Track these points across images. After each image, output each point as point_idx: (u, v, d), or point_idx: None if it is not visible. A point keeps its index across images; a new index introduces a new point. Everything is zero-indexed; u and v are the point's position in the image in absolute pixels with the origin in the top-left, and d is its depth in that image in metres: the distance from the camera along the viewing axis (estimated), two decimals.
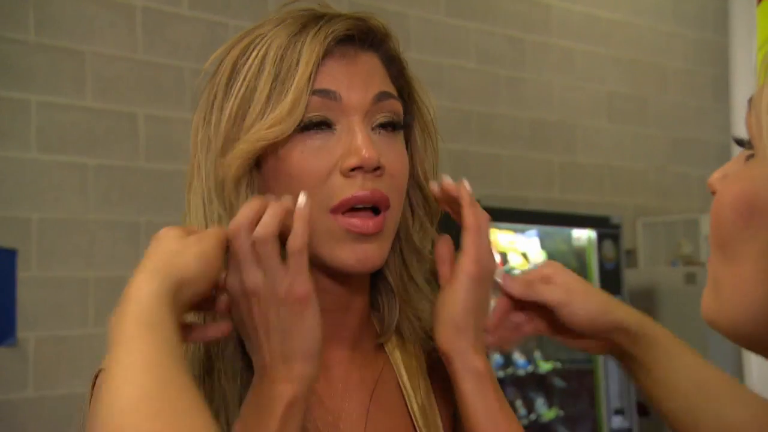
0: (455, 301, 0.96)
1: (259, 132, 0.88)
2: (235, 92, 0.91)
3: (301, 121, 0.89)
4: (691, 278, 4.20)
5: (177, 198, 3.59)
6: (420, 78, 1.02)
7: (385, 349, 1.03)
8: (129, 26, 3.30)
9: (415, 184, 1.00)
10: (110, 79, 3.23)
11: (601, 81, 4.88)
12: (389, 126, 0.94)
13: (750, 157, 0.62)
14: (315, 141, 0.91)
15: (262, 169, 0.93)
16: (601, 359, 4.00)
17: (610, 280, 3.99)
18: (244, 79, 0.91)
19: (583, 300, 1.01)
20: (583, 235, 4.12)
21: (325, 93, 0.90)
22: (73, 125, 3.14)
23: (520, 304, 1.03)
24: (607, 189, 4.75)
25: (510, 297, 1.02)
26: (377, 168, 0.90)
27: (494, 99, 4.38)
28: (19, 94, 3.04)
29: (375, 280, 1.01)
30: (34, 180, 3.05)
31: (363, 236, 0.91)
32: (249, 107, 0.91)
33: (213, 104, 0.94)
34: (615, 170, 4.81)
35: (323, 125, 0.91)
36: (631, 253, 4.71)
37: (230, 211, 0.90)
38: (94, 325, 3.14)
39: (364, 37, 0.95)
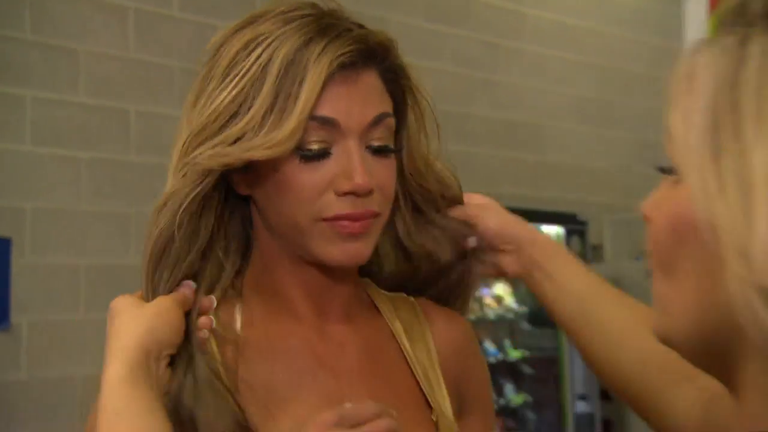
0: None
1: (258, 150, 0.86)
2: (230, 87, 0.89)
3: (300, 148, 0.89)
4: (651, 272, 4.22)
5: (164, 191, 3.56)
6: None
7: (384, 317, 1.04)
8: (121, 26, 3.29)
9: (410, 173, 1.02)
10: (103, 76, 3.22)
11: (570, 85, 4.91)
12: (384, 150, 0.94)
13: (677, 181, 0.62)
14: (310, 165, 0.90)
15: (250, 169, 0.91)
16: (567, 348, 4.04)
17: None
18: (241, 78, 0.89)
19: (495, 214, 1.08)
20: (552, 231, 4.15)
21: (325, 120, 0.89)
22: (66, 120, 3.13)
23: None
24: (575, 187, 4.78)
25: None
26: (370, 192, 0.91)
27: (469, 100, 4.40)
28: (15, 89, 3.02)
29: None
30: (28, 172, 3.04)
31: (351, 236, 0.92)
32: (242, 110, 0.88)
33: (206, 90, 0.92)
34: (583, 170, 4.84)
35: (322, 155, 0.90)
36: (598, 248, 4.75)
37: (188, 187, 0.91)
38: (85, 311, 3.13)
39: (365, 57, 0.92)
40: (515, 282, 3.69)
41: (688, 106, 0.61)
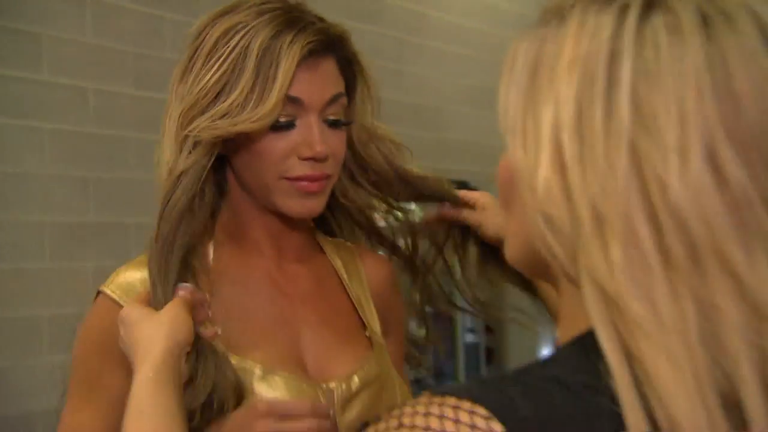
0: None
1: (245, 123, 0.90)
2: (215, 69, 0.92)
3: (273, 123, 0.93)
4: None
5: (120, 158, 3.55)
6: None
7: (329, 257, 1.09)
8: (80, 15, 3.20)
9: (357, 142, 1.06)
10: (63, 58, 3.14)
11: (464, 76, 4.97)
12: (338, 123, 0.99)
13: None
14: (279, 134, 0.94)
15: (227, 140, 0.95)
16: None
17: None
18: (224, 61, 0.91)
19: (493, 217, 1.11)
20: None
21: (293, 99, 0.93)
22: (31, 96, 3.04)
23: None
24: (467, 160, 4.86)
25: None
26: (325, 159, 0.96)
27: (381, 87, 4.40)
28: None
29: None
30: None
31: (309, 194, 0.96)
32: (227, 90, 0.91)
33: (192, 68, 0.94)
34: (473, 145, 4.93)
35: (289, 126, 0.94)
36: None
37: (180, 153, 0.93)
38: (50, 261, 3.08)
39: (326, 46, 0.97)
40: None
41: (508, 83, 0.64)
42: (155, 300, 0.94)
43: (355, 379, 1.00)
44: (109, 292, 1.01)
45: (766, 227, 0.54)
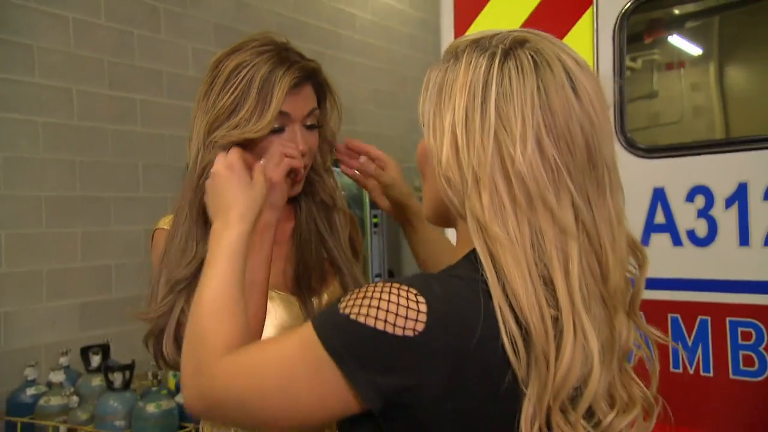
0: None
1: (250, 132, 0.96)
2: (229, 94, 0.97)
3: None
4: (420, 200, 4.41)
5: (99, 145, 3.55)
6: None
7: (302, 204, 1.11)
8: (65, 30, 3.12)
9: (324, 140, 1.11)
10: (52, 64, 3.06)
11: (370, 82, 5.02)
12: (313, 127, 1.05)
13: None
14: (272, 136, 1.00)
15: (238, 143, 0.99)
16: (368, 243, 4.22)
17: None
18: (236, 89, 0.97)
19: (399, 186, 1.15)
20: None
21: (283, 113, 0.99)
22: (26, 95, 2.97)
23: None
24: (375, 147, 4.94)
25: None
26: (305, 155, 1.01)
27: None
28: None
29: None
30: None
31: (293, 184, 1.03)
32: (237, 109, 0.96)
33: (212, 89, 0.99)
34: (379, 137, 4.99)
35: (279, 130, 1.00)
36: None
37: (204, 151, 0.98)
38: (46, 227, 3.03)
39: (306, 78, 1.02)
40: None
41: (424, 97, 0.76)
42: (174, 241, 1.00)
43: (325, 296, 1.08)
44: (163, 227, 1.06)
45: (568, 183, 0.68)
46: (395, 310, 0.65)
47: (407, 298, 0.66)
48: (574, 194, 0.68)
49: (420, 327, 0.65)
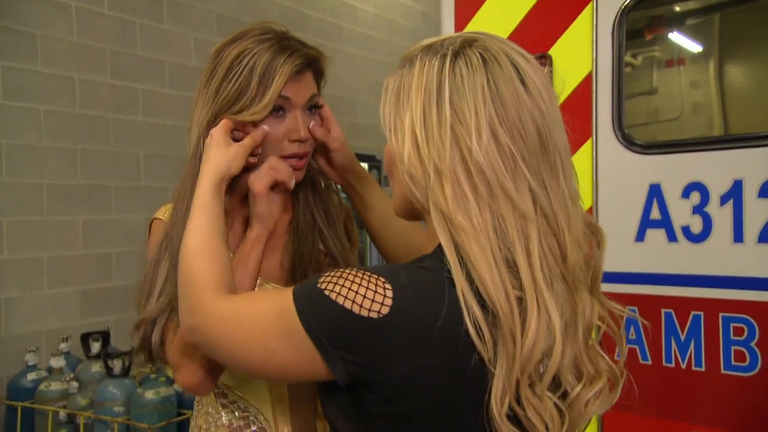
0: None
1: (253, 115, 0.97)
2: (232, 82, 0.97)
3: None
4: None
5: (101, 133, 3.55)
6: None
7: (299, 194, 1.11)
8: (68, 19, 3.12)
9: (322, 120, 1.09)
10: (55, 53, 3.06)
11: (371, 74, 5.00)
12: (313, 108, 1.04)
13: None
14: (273, 119, 1.00)
15: (246, 127, 1.00)
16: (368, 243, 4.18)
17: None
18: (239, 77, 0.97)
19: (345, 150, 1.11)
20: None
21: (285, 97, 0.99)
22: (29, 83, 2.97)
23: None
24: (374, 140, 4.91)
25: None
26: (306, 140, 1.02)
27: None
28: None
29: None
30: (3, 118, 2.88)
31: (296, 168, 1.02)
32: (241, 96, 0.97)
33: (214, 77, 0.99)
34: (379, 128, 4.98)
35: (281, 109, 1.00)
36: (386, 178, 4.92)
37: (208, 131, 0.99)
38: (47, 214, 3.04)
39: (306, 65, 1.02)
40: None
41: (384, 101, 0.80)
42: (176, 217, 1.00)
43: None
44: (161, 217, 1.06)
45: (524, 170, 0.71)
46: (363, 292, 0.70)
47: (375, 284, 0.70)
48: (530, 180, 0.72)
49: (385, 310, 0.69)
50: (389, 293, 0.70)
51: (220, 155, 0.95)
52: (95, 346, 2.53)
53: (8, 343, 2.89)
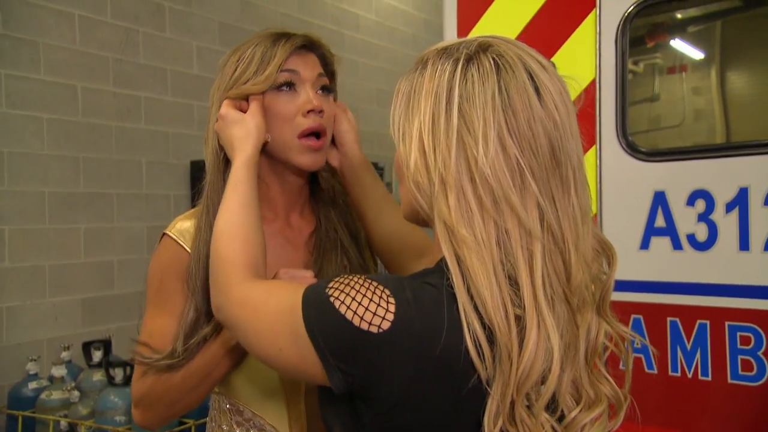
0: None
1: (256, 85, 0.98)
2: (237, 65, 1.00)
3: (278, 83, 0.99)
4: None
5: (103, 141, 3.54)
6: None
7: (320, 212, 1.11)
8: (70, 27, 3.12)
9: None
10: (57, 61, 3.06)
11: (373, 81, 5.03)
12: (325, 90, 1.04)
13: None
14: (285, 96, 1.00)
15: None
16: None
17: None
18: (242, 62, 1.00)
19: (349, 122, 1.11)
20: None
21: (291, 71, 1.00)
22: (31, 91, 2.97)
23: None
24: (377, 147, 4.93)
25: None
26: (321, 111, 1.00)
27: None
28: None
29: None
30: (5, 126, 2.88)
31: (314, 149, 1.01)
32: (245, 74, 0.99)
33: (222, 80, 1.02)
34: (382, 135, 5.01)
35: (290, 85, 1.00)
36: (389, 185, 4.98)
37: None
38: (49, 222, 3.03)
39: (310, 46, 1.04)
40: None
41: (395, 105, 0.78)
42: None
43: None
44: (171, 234, 1.03)
45: (531, 183, 0.68)
46: (366, 304, 0.68)
47: (380, 297, 0.68)
48: (537, 194, 0.69)
49: (385, 326, 0.67)
50: (392, 308, 0.68)
51: (242, 129, 0.96)
52: (97, 355, 2.52)
53: (9, 352, 2.87)
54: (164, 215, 3.49)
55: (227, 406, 1.04)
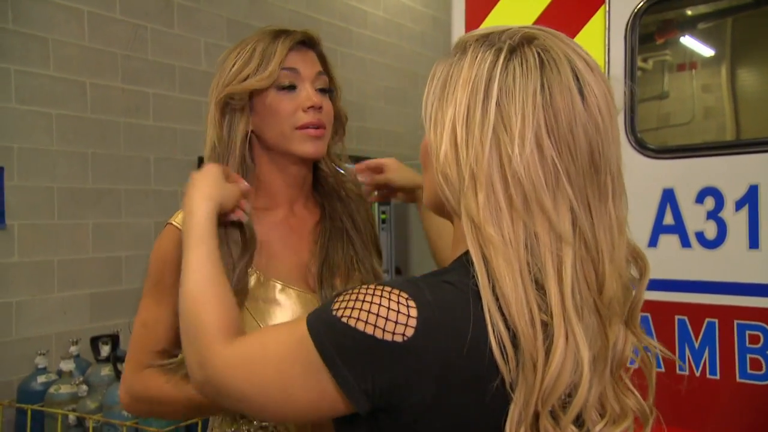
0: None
1: (259, 82, 0.99)
2: (236, 62, 1.01)
3: (280, 84, 1.00)
4: None
5: (111, 137, 3.57)
6: None
7: (324, 203, 1.12)
8: (79, 23, 3.13)
9: (338, 122, 1.12)
10: (66, 57, 3.07)
11: (381, 79, 5.00)
12: (324, 90, 1.05)
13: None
14: (286, 95, 1.01)
15: (256, 107, 1.02)
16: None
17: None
18: (241, 57, 1.01)
19: (398, 172, 1.16)
20: None
21: (292, 69, 1.01)
22: (40, 87, 2.98)
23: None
24: (383, 143, 4.93)
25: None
26: (320, 108, 1.01)
27: None
28: (2, 64, 2.85)
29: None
30: (14, 121, 2.89)
31: (315, 138, 1.02)
32: (245, 71, 1.00)
33: (221, 74, 1.03)
34: (388, 133, 5.02)
35: (291, 87, 1.01)
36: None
37: (221, 117, 1.01)
38: (58, 218, 3.05)
39: (309, 42, 1.05)
40: None
41: (429, 90, 0.74)
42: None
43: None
44: (175, 223, 1.02)
45: (566, 188, 0.65)
46: (385, 314, 0.64)
47: (398, 302, 0.65)
48: (572, 199, 0.66)
49: (409, 332, 0.64)
50: (413, 312, 0.64)
51: (211, 183, 0.91)
52: (105, 350, 2.53)
53: (18, 346, 2.89)
54: (172, 211, 3.44)
55: None
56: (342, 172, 1.13)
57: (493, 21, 1.88)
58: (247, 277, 0.98)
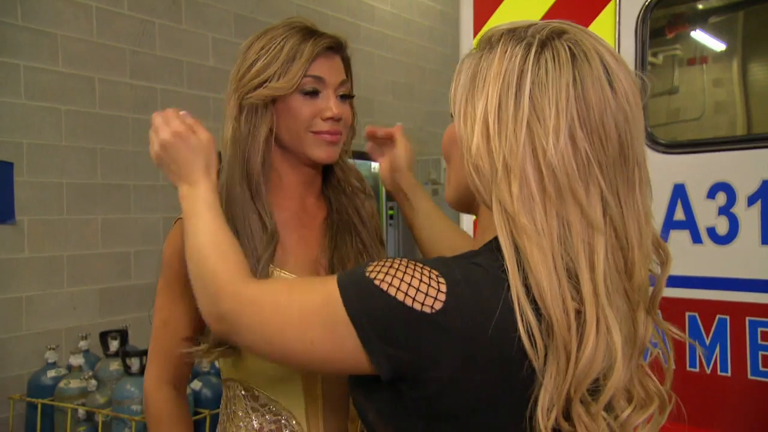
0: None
1: (277, 89, 0.98)
2: (261, 61, 0.99)
3: (303, 89, 1.00)
4: (435, 192, 4.40)
5: (120, 133, 3.58)
6: None
7: (331, 198, 1.13)
8: (88, 19, 3.15)
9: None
10: (75, 53, 3.09)
11: (388, 74, 5.00)
12: (345, 97, 1.05)
13: (453, 121, 0.76)
14: (308, 99, 1.01)
15: (277, 107, 1.01)
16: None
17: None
18: (267, 55, 0.99)
19: (404, 146, 1.16)
20: (374, 165, 4.31)
21: (316, 77, 1.00)
22: (49, 83, 3.00)
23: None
24: None
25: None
26: (340, 119, 1.02)
27: None
28: (11, 60, 2.87)
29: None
30: (24, 117, 2.91)
31: (329, 143, 1.02)
32: (266, 69, 0.99)
33: (243, 66, 1.01)
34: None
35: (314, 93, 1.01)
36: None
37: (242, 117, 1.00)
38: (67, 213, 3.07)
39: (335, 48, 1.03)
40: None
41: (457, 84, 0.75)
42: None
43: None
44: None
45: (598, 177, 0.67)
46: (417, 285, 0.66)
47: (429, 277, 0.67)
48: (603, 189, 0.67)
49: (438, 305, 0.65)
50: (443, 287, 0.66)
51: (203, 155, 0.91)
52: (114, 345, 2.54)
53: (28, 341, 2.91)
54: (180, 206, 3.49)
55: (242, 392, 1.03)
56: (347, 166, 1.14)
57: (502, 14, 1.87)
58: (269, 270, 0.99)
